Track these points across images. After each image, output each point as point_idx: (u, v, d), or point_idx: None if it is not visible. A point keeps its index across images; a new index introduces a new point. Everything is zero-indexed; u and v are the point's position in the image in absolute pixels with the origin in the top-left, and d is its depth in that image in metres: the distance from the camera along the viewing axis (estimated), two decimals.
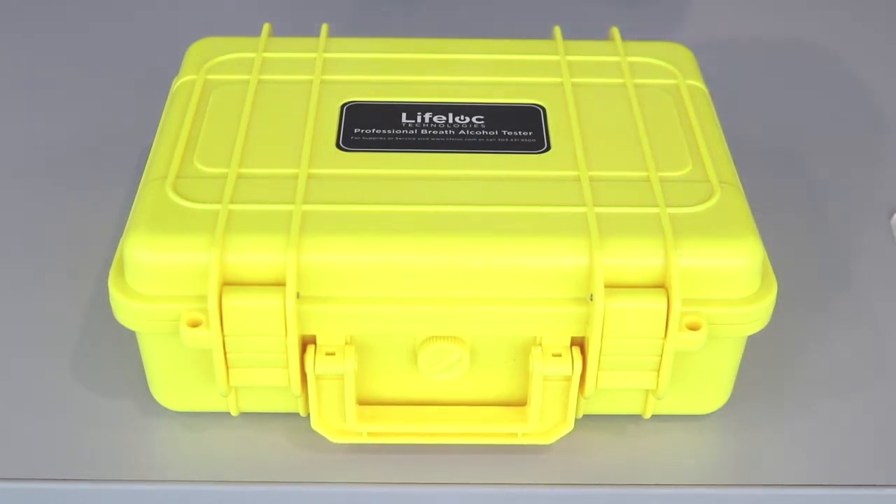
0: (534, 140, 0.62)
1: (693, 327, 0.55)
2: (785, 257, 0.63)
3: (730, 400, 0.61)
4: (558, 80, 0.67)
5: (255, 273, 0.55)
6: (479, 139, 0.62)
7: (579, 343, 0.56)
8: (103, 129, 0.80)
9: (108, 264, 0.57)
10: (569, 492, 0.58)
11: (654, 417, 0.60)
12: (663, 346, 0.55)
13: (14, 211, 0.74)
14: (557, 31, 0.71)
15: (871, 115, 0.85)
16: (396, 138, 0.62)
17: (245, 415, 0.60)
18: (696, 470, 0.59)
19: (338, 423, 0.58)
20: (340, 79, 0.66)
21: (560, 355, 0.56)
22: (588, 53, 0.69)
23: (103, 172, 0.76)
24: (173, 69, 0.70)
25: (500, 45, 0.70)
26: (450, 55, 0.69)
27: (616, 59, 0.68)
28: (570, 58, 0.68)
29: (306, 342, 0.56)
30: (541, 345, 0.56)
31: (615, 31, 0.71)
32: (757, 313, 0.56)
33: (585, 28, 0.78)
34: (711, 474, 0.59)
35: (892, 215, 0.74)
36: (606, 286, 0.54)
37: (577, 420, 0.58)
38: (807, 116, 0.84)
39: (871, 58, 0.91)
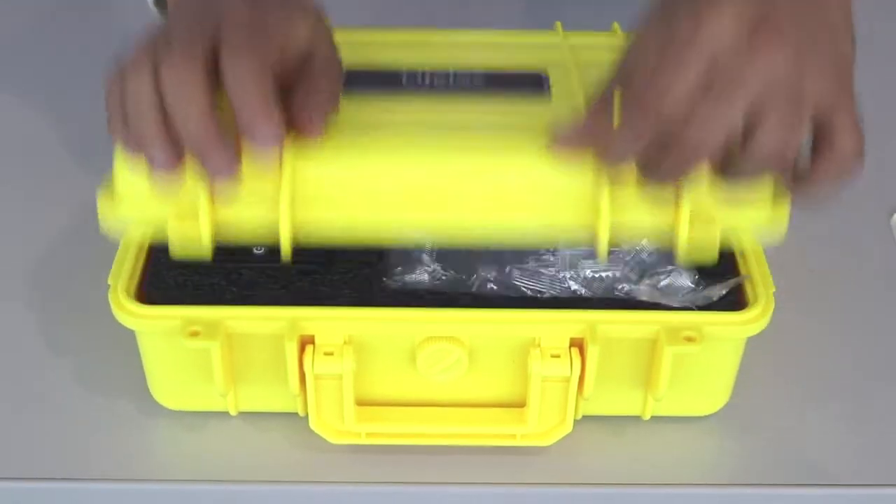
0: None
1: None
2: (785, 257, 0.63)
3: (729, 401, 0.61)
4: (560, 57, 0.65)
5: None
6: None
7: (578, 344, 0.56)
8: (103, 127, 0.80)
9: (107, 264, 0.57)
10: (567, 493, 0.58)
11: (654, 419, 0.60)
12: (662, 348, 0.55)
13: (13, 210, 0.74)
14: (558, 25, 0.70)
15: (872, 116, 0.84)
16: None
17: (244, 414, 0.60)
18: (695, 471, 0.59)
19: (336, 423, 0.58)
20: None
21: (559, 356, 0.56)
22: (589, 39, 0.68)
23: (104, 171, 0.76)
24: None
25: (499, 35, 0.69)
26: (451, 38, 0.67)
27: (617, 42, 0.67)
28: (572, 41, 0.67)
29: (305, 342, 0.56)
30: (539, 346, 0.56)
31: (616, 26, 0.70)
32: (756, 315, 0.56)
33: (586, 29, 0.78)
34: (710, 475, 0.59)
35: (892, 215, 0.74)
36: None
37: (575, 421, 0.58)
38: None
39: (871, 57, 0.91)
